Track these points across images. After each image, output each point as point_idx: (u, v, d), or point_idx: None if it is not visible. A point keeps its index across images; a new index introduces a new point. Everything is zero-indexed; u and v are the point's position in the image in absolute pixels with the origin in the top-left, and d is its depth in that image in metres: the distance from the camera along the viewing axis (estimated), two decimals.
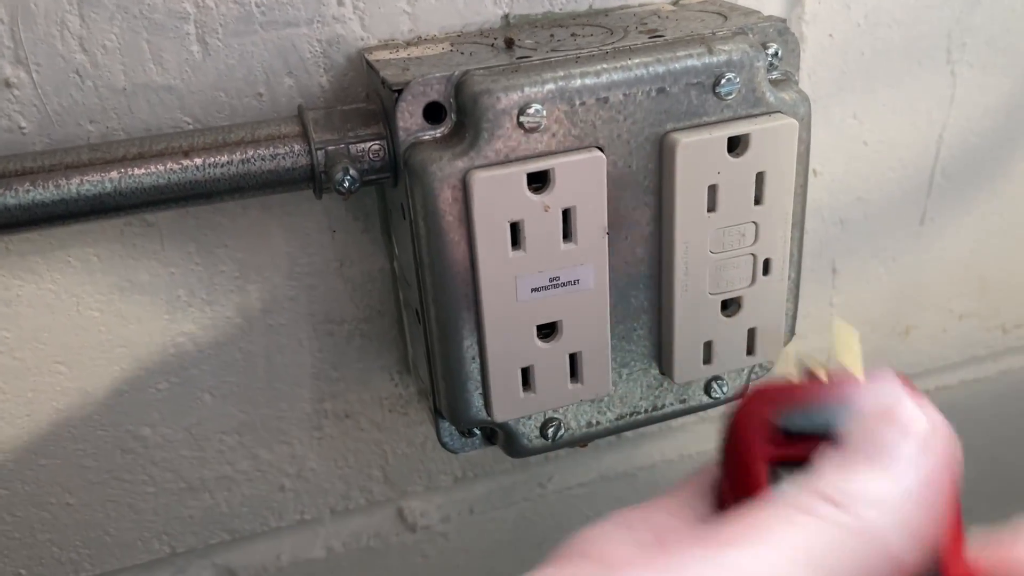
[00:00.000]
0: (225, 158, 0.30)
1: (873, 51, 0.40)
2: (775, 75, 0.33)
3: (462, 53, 0.31)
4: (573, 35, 0.32)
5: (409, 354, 0.38)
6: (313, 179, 0.31)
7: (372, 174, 0.31)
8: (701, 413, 0.41)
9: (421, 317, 0.33)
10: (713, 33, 0.31)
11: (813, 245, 0.44)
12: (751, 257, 0.33)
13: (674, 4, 0.36)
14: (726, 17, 0.33)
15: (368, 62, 0.32)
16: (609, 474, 0.47)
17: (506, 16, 0.34)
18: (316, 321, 0.37)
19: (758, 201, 0.32)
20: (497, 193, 0.29)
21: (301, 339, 0.38)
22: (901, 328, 0.49)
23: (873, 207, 0.44)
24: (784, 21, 0.33)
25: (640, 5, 0.36)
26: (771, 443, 0.22)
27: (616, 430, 0.35)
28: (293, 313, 0.37)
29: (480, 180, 0.28)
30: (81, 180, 0.29)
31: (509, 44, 0.32)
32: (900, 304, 0.48)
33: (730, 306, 0.34)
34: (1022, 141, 0.46)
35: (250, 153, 0.30)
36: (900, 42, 0.41)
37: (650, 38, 0.31)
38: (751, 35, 0.31)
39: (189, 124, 0.32)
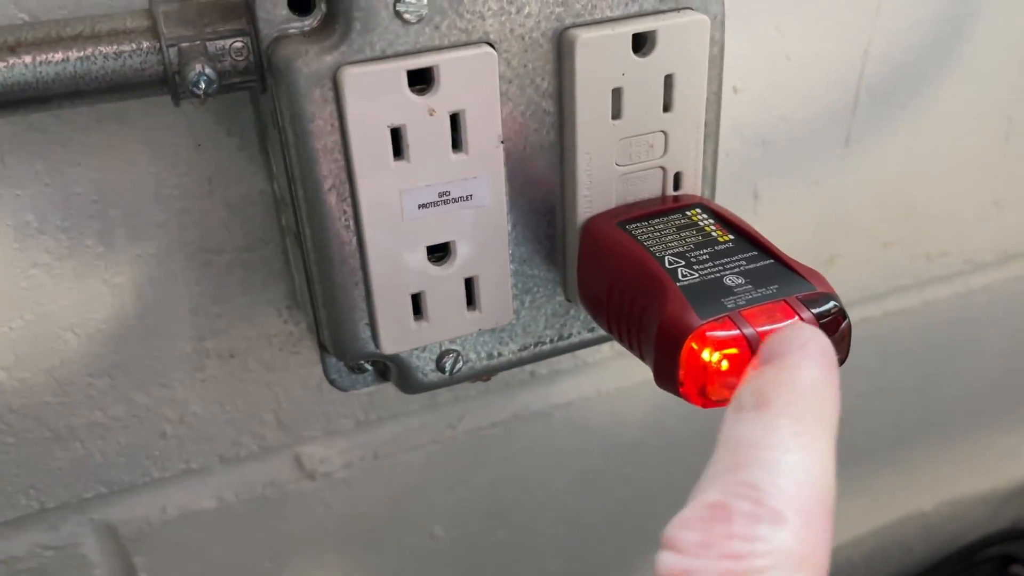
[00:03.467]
0: (60, 55, 0.26)
1: None
2: None
3: None
4: None
5: (297, 284, 0.35)
6: (166, 81, 0.27)
7: (235, 76, 0.27)
8: (617, 347, 0.38)
9: (298, 239, 0.30)
10: None
11: (735, 167, 0.42)
12: (660, 171, 0.30)
13: None
14: None
15: None
16: (523, 413, 0.44)
17: None
18: (191, 250, 0.34)
19: (667, 108, 0.29)
20: (373, 93, 0.26)
21: (175, 270, 0.34)
22: (826, 257, 0.47)
23: (797, 127, 0.42)
24: None
25: None
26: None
27: (520, 362, 0.33)
28: (164, 241, 0.33)
29: (352, 76, 0.25)
30: None
31: None
32: (825, 231, 0.46)
33: None
34: (949, 57, 0.44)
35: (90, 51, 0.26)
36: None
37: None
38: None
39: (24, 19, 0.28)
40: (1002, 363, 0.58)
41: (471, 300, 0.30)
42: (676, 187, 0.30)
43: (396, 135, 0.27)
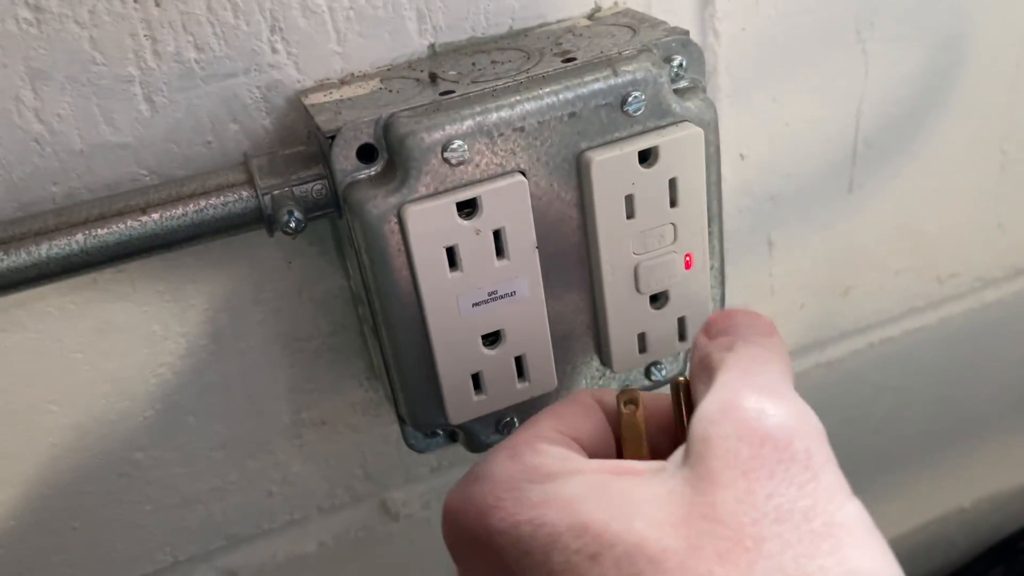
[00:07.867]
0: (180, 211, 0.33)
1: (786, 38, 0.43)
2: (683, 83, 0.35)
3: (390, 91, 0.34)
4: (493, 62, 0.35)
5: (375, 361, 0.41)
6: (263, 220, 0.33)
7: (318, 210, 0.33)
8: None
9: (376, 333, 0.36)
10: (619, 53, 0.33)
11: (748, 222, 0.47)
12: (673, 254, 0.36)
13: (589, 18, 0.38)
14: (635, 31, 0.36)
15: (304, 106, 0.34)
16: None
17: (432, 46, 0.37)
18: (285, 340, 0.40)
19: (673, 204, 0.35)
20: (431, 223, 0.32)
21: (273, 358, 0.41)
22: (840, 289, 0.52)
23: (802, 181, 0.47)
24: (687, 33, 0.35)
25: (557, 22, 0.38)
26: None
27: None
28: (263, 335, 0.40)
29: (414, 213, 0.31)
30: (50, 245, 0.31)
31: (433, 79, 0.34)
32: (838, 267, 0.51)
33: (659, 299, 0.36)
34: (938, 104, 0.48)
35: (202, 203, 0.33)
36: (810, 28, 0.43)
37: (563, 61, 0.34)
38: (655, 51, 0.34)
39: (145, 176, 0.35)
40: (1022, 367, 0.62)
41: (521, 373, 0.36)
42: (688, 266, 0.36)
43: (450, 252, 0.33)
